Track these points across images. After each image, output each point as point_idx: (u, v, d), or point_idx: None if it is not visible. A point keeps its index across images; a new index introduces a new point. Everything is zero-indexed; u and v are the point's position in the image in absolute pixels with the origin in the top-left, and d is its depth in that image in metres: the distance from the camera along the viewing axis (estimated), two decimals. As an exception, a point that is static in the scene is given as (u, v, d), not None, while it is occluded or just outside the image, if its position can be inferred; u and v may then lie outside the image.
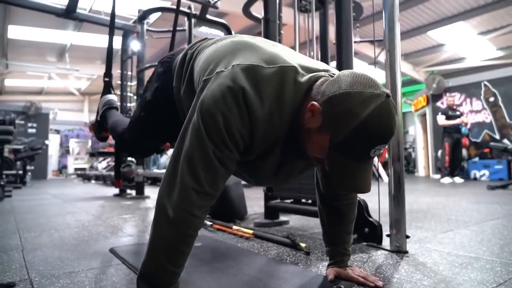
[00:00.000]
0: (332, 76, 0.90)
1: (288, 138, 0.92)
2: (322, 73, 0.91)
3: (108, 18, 4.75)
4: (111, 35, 2.10)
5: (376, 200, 1.72)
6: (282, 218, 2.33)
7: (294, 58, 0.94)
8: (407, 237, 1.56)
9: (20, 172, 7.78)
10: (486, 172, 7.67)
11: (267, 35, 2.37)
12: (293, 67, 0.88)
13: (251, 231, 1.89)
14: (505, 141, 7.77)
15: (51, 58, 11.12)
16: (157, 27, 5.76)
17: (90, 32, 8.74)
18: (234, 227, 2.02)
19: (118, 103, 1.83)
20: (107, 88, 1.87)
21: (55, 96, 14.93)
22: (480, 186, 5.75)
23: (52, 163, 13.35)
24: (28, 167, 8.21)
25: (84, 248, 1.68)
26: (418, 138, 10.29)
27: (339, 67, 1.89)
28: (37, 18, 7.36)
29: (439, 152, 8.15)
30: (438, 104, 9.14)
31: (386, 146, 0.85)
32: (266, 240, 1.79)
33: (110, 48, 2.08)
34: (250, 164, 0.98)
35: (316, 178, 1.23)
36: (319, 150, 0.86)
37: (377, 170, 7.76)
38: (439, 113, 7.19)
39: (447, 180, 6.78)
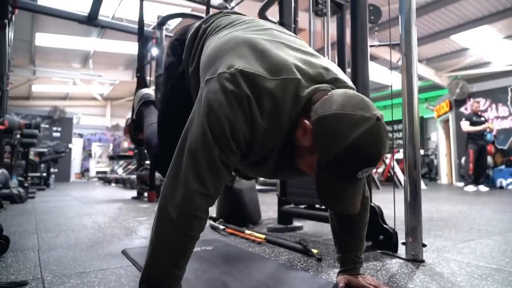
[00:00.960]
0: (333, 90, 0.89)
1: (283, 150, 0.92)
2: (324, 86, 0.89)
3: (129, 25, 4.86)
4: (140, 35, 2.14)
5: (392, 207, 1.67)
6: (296, 223, 2.30)
7: (302, 61, 0.91)
8: (424, 245, 1.51)
9: (44, 174, 8.02)
10: (513, 180, 7.36)
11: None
12: (296, 80, 0.86)
13: (263, 236, 1.87)
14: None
15: (75, 64, 11.50)
16: (176, 33, 5.85)
17: (113, 39, 9.00)
18: (247, 231, 2.00)
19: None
20: (141, 82, 1.85)
21: (79, 101, 15.40)
22: (507, 195, 5.52)
23: (75, 166, 13.72)
24: (52, 170, 8.47)
25: (97, 249, 1.70)
26: (441, 144, 10.00)
27: (354, 72, 1.86)
28: (63, 25, 7.62)
29: (463, 159, 7.88)
30: (462, 109, 8.86)
31: (373, 169, 0.84)
32: (277, 245, 1.76)
33: (140, 47, 2.14)
34: (247, 165, 0.99)
35: None
36: (309, 167, 0.88)
37: (395, 176, 7.61)
38: (463, 119, 6.97)
39: (471, 188, 6.54)
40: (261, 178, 5.89)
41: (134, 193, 5.36)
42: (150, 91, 1.71)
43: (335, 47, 2.78)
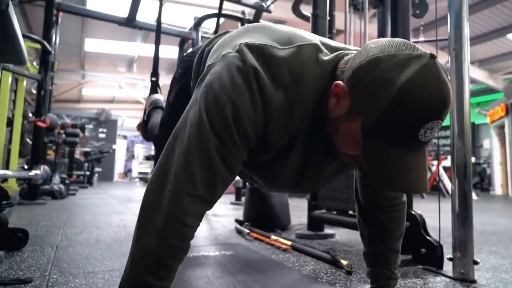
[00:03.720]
0: None
1: (312, 132, 0.74)
2: (350, 51, 0.74)
3: (167, 27, 4.91)
4: (157, 39, 2.17)
5: (435, 217, 1.46)
6: (328, 230, 2.12)
7: (316, 36, 0.78)
8: (476, 263, 1.28)
9: (88, 173, 8.37)
10: None
11: (315, 33, 2.20)
12: (314, 44, 0.72)
13: (289, 243, 1.72)
14: None
15: (121, 69, 11.99)
16: (213, 35, 5.87)
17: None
18: (273, 237, 1.86)
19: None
20: (154, 87, 1.86)
21: (124, 104, 16.04)
22: None
23: (119, 166, 14.28)
24: (96, 169, 8.83)
25: (114, 248, 1.64)
26: (495, 152, 9.22)
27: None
28: (109, 31, 7.95)
29: (521, 169, 7.17)
30: (520, 114, 8.11)
31: (441, 124, 0.62)
32: (304, 253, 1.61)
33: (157, 51, 2.14)
34: (265, 166, 0.81)
35: (355, 187, 1.03)
36: (351, 142, 0.68)
37: (438, 182, 7.06)
38: (521, 124, 6.35)
39: (530, 200, 5.92)
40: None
41: (169, 193, 5.40)
42: (160, 96, 1.74)
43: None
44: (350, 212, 1.89)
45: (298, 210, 3.34)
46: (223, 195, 0.74)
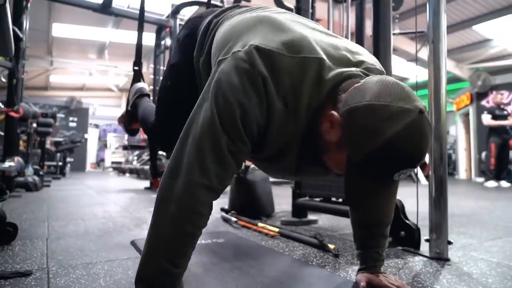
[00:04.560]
0: (364, 75, 0.78)
1: (305, 143, 0.81)
2: (353, 70, 0.78)
3: (145, 15, 4.81)
4: (140, 27, 2.12)
5: (413, 202, 1.57)
6: (311, 217, 2.22)
7: (324, 42, 0.81)
8: (449, 243, 1.41)
9: (60, 163, 8.13)
10: (536, 176, 7.08)
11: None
12: (318, 59, 0.76)
13: (276, 229, 1.80)
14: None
15: (91, 55, 11.57)
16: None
17: (128, 30, 8.98)
18: (259, 224, 1.93)
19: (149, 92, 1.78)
20: (137, 76, 1.82)
21: (95, 92, 15.54)
22: (530, 191, 5.30)
23: (91, 156, 13.91)
24: (68, 159, 8.58)
25: (106, 239, 1.66)
26: (460, 138, 9.70)
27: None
28: (79, 15, 7.64)
29: (483, 154, 7.61)
30: (483, 102, 8.55)
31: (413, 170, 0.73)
32: (292, 239, 1.69)
33: (139, 39, 2.10)
34: (264, 160, 0.89)
35: None
36: (336, 165, 0.77)
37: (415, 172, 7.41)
38: (485, 112, 6.70)
39: (492, 183, 6.31)
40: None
41: (147, 183, 5.36)
42: (145, 85, 1.73)
43: (352, 37, 2.66)
44: (333, 199, 1.99)
45: (279, 198, 3.43)
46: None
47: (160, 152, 4.88)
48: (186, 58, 1.11)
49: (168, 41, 4.63)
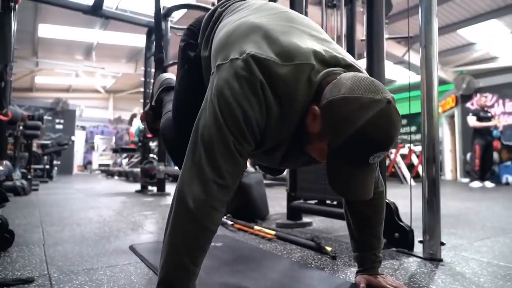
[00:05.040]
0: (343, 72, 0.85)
1: (294, 137, 0.88)
2: (337, 70, 0.85)
3: (133, 15, 4.77)
4: (157, 17, 2.04)
5: (406, 203, 1.62)
6: (305, 219, 2.25)
7: (313, 45, 0.86)
8: (442, 244, 1.46)
9: (47, 166, 8.00)
10: (519, 176, 7.30)
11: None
12: (309, 65, 0.82)
13: (273, 232, 1.83)
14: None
15: (78, 56, 11.43)
16: (180, 25, 5.78)
17: (116, 31, 8.91)
18: (256, 227, 1.96)
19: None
20: (160, 65, 1.75)
21: (82, 93, 15.35)
22: (513, 191, 5.46)
23: (78, 158, 13.71)
24: (54, 162, 8.45)
25: (104, 244, 1.66)
26: (446, 140, 9.92)
27: (370, 66, 1.80)
28: (66, 16, 7.56)
29: (468, 155, 7.81)
30: (468, 105, 8.77)
31: (387, 153, 0.82)
32: (289, 242, 1.72)
33: (158, 28, 2.00)
34: (258, 152, 0.96)
35: None
36: (319, 154, 0.86)
37: (399, 171, 7.55)
38: (470, 114, 6.89)
39: (476, 184, 6.48)
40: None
41: (137, 186, 5.33)
42: (172, 75, 1.55)
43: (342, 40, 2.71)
44: (328, 201, 2.03)
45: (271, 200, 3.45)
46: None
47: (151, 156, 4.86)
48: (194, 42, 1.14)
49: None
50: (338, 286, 1.11)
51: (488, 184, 6.50)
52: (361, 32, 2.72)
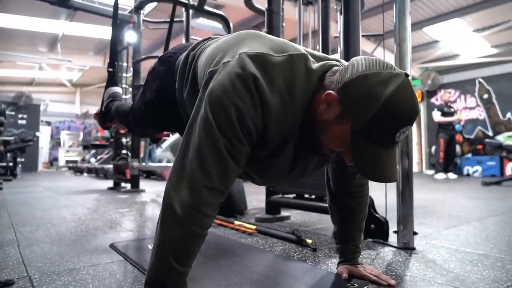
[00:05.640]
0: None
1: (301, 132, 0.87)
2: (334, 62, 0.88)
3: (103, 7, 4.62)
4: (114, 22, 2.09)
5: (377, 195, 1.70)
6: (283, 213, 2.30)
7: (302, 48, 0.91)
8: (415, 233, 1.54)
9: (11, 164, 7.63)
10: (479, 168, 7.75)
11: (271, 27, 2.32)
12: (303, 54, 0.85)
13: (254, 227, 1.86)
14: (498, 137, 7.83)
15: (42, 48, 10.89)
16: (152, 18, 5.64)
17: (83, 22, 8.56)
18: (236, 222, 1.98)
19: (123, 96, 1.83)
20: (112, 79, 1.80)
21: (46, 87, 14.66)
22: (474, 182, 5.80)
23: (43, 155, 13.13)
24: (18, 159, 8.06)
25: (83, 243, 1.63)
26: (412, 133, 10.32)
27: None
28: (28, 6, 7.19)
29: (433, 148, 8.20)
30: (433, 100, 9.18)
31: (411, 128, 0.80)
32: (270, 236, 1.76)
33: (114, 38, 2.09)
34: (261, 161, 0.92)
35: (326, 176, 1.19)
36: (339, 141, 0.82)
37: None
38: (435, 109, 7.22)
39: (441, 176, 6.83)
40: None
41: (109, 183, 5.20)
42: (119, 89, 1.78)
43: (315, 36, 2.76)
44: (306, 195, 2.09)
45: (247, 195, 3.49)
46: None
47: (124, 151, 4.76)
48: (164, 94, 1.15)
49: (131, 37, 4.49)
50: (321, 277, 1.16)
51: (451, 175, 6.86)
52: (334, 29, 2.80)
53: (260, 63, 0.80)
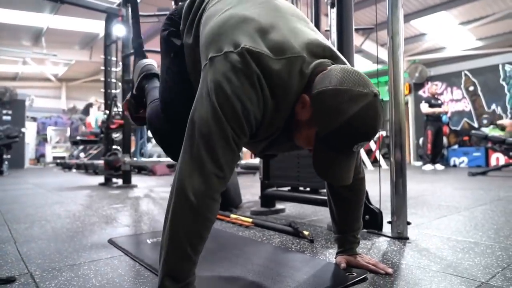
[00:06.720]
0: (331, 64, 0.91)
1: (285, 126, 0.93)
2: (325, 61, 0.90)
3: (91, 1, 4.53)
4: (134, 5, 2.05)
5: (374, 187, 1.74)
6: (278, 206, 2.33)
7: (302, 37, 0.90)
8: (408, 223, 1.59)
9: (-3, 161, 7.48)
10: (465, 159, 7.92)
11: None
12: (300, 58, 0.87)
13: (250, 220, 1.88)
14: (483, 129, 8.01)
15: (26, 42, 10.65)
16: (140, 12, 5.56)
17: (68, 16, 8.39)
18: (232, 215, 2.00)
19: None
20: (140, 50, 1.69)
21: (31, 82, 14.38)
22: (461, 172, 5.93)
23: (29, 151, 12.90)
24: (4, 156, 7.91)
25: (80, 240, 1.63)
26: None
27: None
28: (11, -1, 7.02)
29: (421, 140, 8.34)
30: (420, 93, 9.32)
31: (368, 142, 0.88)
32: (266, 228, 1.78)
33: (135, 15, 2.03)
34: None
35: None
36: (306, 141, 0.91)
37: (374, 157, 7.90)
38: (423, 102, 7.34)
39: (428, 167, 6.96)
40: (243, 161, 5.86)
41: (100, 179, 5.16)
42: (152, 61, 1.49)
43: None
44: (301, 188, 2.12)
45: (241, 188, 3.51)
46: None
47: (115, 147, 4.72)
48: (176, 30, 1.17)
49: (119, 31, 4.43)
50: (321, 267, 1.19)
51: (439, 166, 7.01)
52: (324, 23, 2.82)
53: (262, 65, 0.83)
